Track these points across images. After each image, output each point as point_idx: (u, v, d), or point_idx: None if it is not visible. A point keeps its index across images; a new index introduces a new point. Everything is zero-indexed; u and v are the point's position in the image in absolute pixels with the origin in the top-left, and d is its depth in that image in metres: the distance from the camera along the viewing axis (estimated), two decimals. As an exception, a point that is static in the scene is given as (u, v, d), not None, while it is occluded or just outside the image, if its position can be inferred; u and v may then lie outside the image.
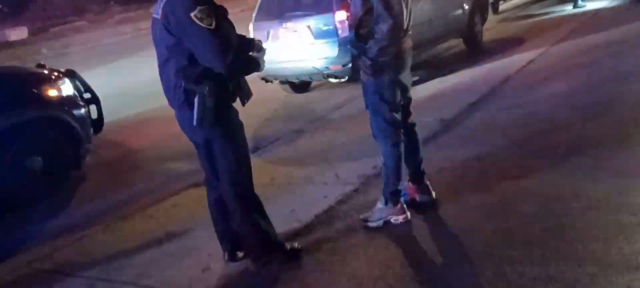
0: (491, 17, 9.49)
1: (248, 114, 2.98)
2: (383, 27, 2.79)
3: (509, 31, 9.47)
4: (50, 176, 4.69)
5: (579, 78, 5.64)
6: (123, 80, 9.81)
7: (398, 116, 3.04)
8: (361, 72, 3.04)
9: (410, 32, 3.02)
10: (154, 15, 2.67)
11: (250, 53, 2.81)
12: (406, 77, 3.05)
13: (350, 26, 3.06)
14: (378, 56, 2.85)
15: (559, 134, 4.14)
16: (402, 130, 3.09)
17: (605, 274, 2.39)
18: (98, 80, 6.59)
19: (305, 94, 7.23)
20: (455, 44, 8.43)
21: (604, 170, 3.38)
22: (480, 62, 7.32)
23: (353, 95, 6.18)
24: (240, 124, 2.81)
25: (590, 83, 5.38)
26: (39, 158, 4.65)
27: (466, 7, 7.91)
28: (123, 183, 4.81)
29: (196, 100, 2.59)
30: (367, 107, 3.09)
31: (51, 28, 17.10)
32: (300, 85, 7.07)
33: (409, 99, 3.19)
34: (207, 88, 2.57)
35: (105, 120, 5.42)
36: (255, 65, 2.78)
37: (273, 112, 6.55)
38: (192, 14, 2.45)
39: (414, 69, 3.27)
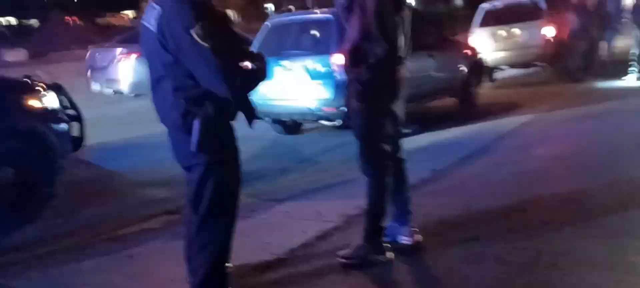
0: (487, 85, 9.56)
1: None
2: (378, 52, 2.68)
3: (504, 96, 9.51)
4: (20, 189, 4.46)
5: (573, 141, 5.58)
6: (112, 108, 9.69)
7: (387, 148, 2.89)
8: (351, 99, 2.90)
9: (406, 63, 2.91)
10: (145, 24, 2.42)
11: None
12: (399, 108, 2.91)
13: (344, 50, 2.95)
14: (370, 81, 2.73)
15: (553, 191, 4.04)
16: (390, 164, 2.92)
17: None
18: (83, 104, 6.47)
19: (295, 136, 7.11)
20: (450, 103, 8.42)
21: (596, 228, 3.25)
22: (474, 121, 7.27)
23: (345, 141, 6.06)
24: (238, 151, 2.55)
25: (585, 146, 5.31)
26: (10, 170, 4.44)
27: (463, 68, 7.94)
28: (94, 204, 4.60)
29: (197, 123, 2.32)
30: (355, 136, 2.93)
31: (51, 53, 17.20)
32: (292, 125, 6.96)
33: (400, 132, 3.04)
34: (210, 109, 2.31)
35: (89, 142, 5.25)
36: (261, 76, 2.48)
37: (261, 150, 6.39)
38: (192, 31, 2.19)
39: (407, 122, 3.16)
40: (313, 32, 6.56)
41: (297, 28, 6.80)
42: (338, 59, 6.03)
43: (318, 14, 6.75)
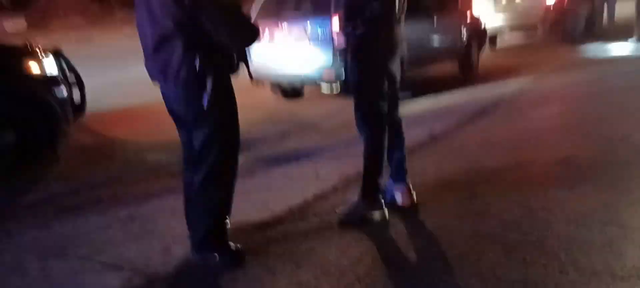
0: (488, 50, 9.51)
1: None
2: (374, 6, 2.67)
3: (505, 61, 9.47)
4: (22, 153, 4.51)
5: (570, 103, 5.60)
6: (111, 73, 9.66)
7: (383, 106, 2.91)
8: (348, 54, 2.91)
9: (402, 22, 2.91)
10: None
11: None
12: (395, 66, 2.92)
13: (340, 6, 2.95)
14: (366, 36, 2.73)
15: (549, 151, 4.08)
16: (386, 121, 2.95)
17: (588, 282, 2.25)
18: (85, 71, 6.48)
19: (295, 101, 7.11)
20: (451, 68, 8.39)
21: (589, 185, 3.29)
22: (474, 85, 7.27)
23: (345, 106, 6.07)
24: (237, 112, 2.59)
25: (581, 107, 5.33)
26: (12, 133, 4.48)
27: (464, 32, 7.89)
28: (96, 168, 4.65)
29: (210, 80, 2.37)
30: (351, 92, 2.95)
31: (51, 22, 17.07)
32: (292, 91, 6.96)
33: (397, 92, 3.05)
34: (222, 64, 2.39)
35: (91, 110, 5.27)
36: (257, 33, 2.53)
37: (261, 115, 6.40)
38: None
39: (406, 86, 3.17)
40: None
41: (296, -8, 6.74)
42: (336, 24, 6.02)
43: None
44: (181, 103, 2.51)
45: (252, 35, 2.49)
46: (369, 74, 2.84)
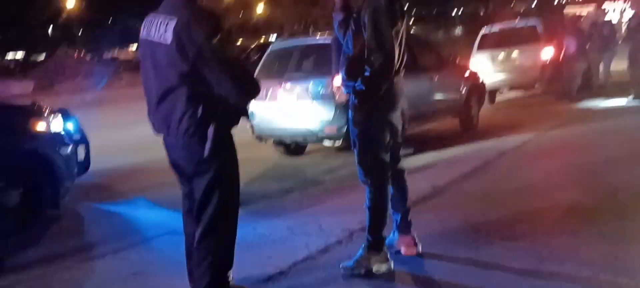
0: (488, 106, 9.63)
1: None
2: (374, 63, 2.75)
3: (504, 117, 9.57)
4: (26, 210, 4.51)
5: (572, 157, 5.61)
6: (116, 132, 9.78)
7: (386, 157, 2.94)
8: (350, 111, 2.97)
9: (402, 73, 2.98)
10: (152, 39, 2.48)
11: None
12: (397, 118, 2.96)
13: (340, 66, 3.03)
14: (367, 91, 2.79)
15: (553, 201, 4.07)
16: (389, 173, 2.97)
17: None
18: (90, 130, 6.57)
19: (298, 157, 7.15)
20: (452, 124, 8.48)
21: (596, 235, 3.27)
22: (475, 140, 7.32)
23: (347, 162, 6.11)
24: (238, 164, 2.62)
25: (584, 161, 5.33)
26: (17, 192, 4.49)
27: (463, 89, 8.04)
28: (100, 224, 4.62)
29: (211, 129, 2.43)
30: (353, 145, 2.99)
31: (56, 85, 17.45)
32: (294, 147, 7.02)
33: (399, 143, 3.09)
34: (223, 116, 2.44)
35: (94, 166, 5.31)
36: (259, 88, 2.60)
37: (264, 171, 6.44)
38: (213, 41, 2.34)
39: (408, 141, 3.22)
40: (313, 55, 6.69)
41: (298, 52, 6.93)
42: (337, 81, 6.15)
43: (318, 39, 6.89)
44: (183, 152, 2.55)
45: (253, 89, 2.55)
46: (371, 126, 2.88)
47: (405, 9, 3.02)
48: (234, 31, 34.69)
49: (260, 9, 36.32)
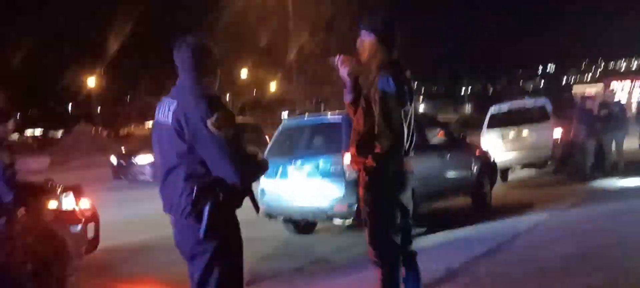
0: (500, 184, 9.56)
1: (246, 249, 2.69)
2: (384, 143, 2.77)
3: (517, 196, 9.47)
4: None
5: (588, 239, 5.46)
6: (127, 209, 9.79)
7: (397, 239, 2.90)
8: (360, 189, 2.96)
9: (412, 154, 2.99)
10: (159, 120, 2.59)
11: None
12: (407, 199, 2.95)
13: (351, 141, 3.05)
14: (377, 171, 2.80)
15: (571, 281, 3.92)
16: (400, 256, 2.91)
17: None
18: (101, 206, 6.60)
19: (308, 235, 7.07)
20: (464, 202, 8.39)
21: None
22: (488, 220, 7.20)
23: (358, 239, 6.02)
24: (242, 242, 2.58)
25: (600, 243, 5.19)
26: (28, 268, 4.47)
27: (474, 167, 8.03)
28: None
29: (207, 209, 2.42)
30: (365, 226, 2.95)
31: (72, 161, 17.74)
32: (304, 225, 6.95)
33: (410, 225, 3.05)
34: (220, 196, 2.43)
35: (103, 244, 5.29)
36: (264, 167, 2.63)
37: (273, 250, 6.36)
38: (209, 122, 2.37)
39: (421, 220, 3.19)
40: (323, 133, 6.78)
41: (308, 130, 7.02)
42: (348, 159, 6.18)
43: (328, 117, 7.01)
44: (181, 232, 2.54)
45: (254, 171, 2.56)
46: (381, 206, 2.86)
47: (414, 88, 3.08)
48: (247, 108, 35.55)
49: (273, 86, 37.30)
